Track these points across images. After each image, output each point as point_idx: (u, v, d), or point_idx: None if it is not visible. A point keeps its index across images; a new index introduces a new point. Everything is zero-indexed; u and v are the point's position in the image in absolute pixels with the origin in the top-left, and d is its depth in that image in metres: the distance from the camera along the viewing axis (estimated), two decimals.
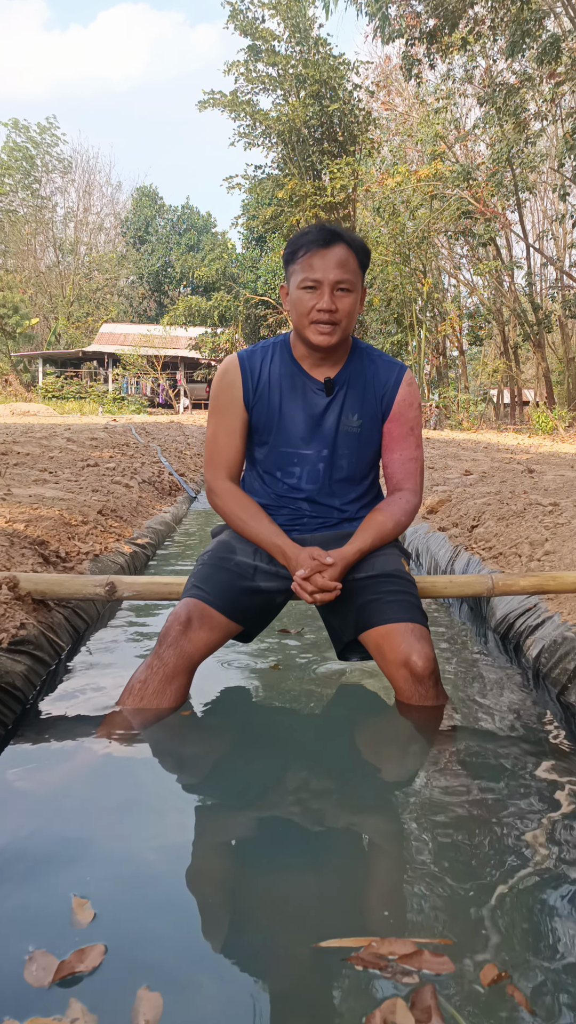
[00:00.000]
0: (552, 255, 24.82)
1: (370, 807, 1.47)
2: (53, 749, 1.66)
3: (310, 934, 1.08)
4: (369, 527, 1.87)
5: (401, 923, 1.10)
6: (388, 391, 1.94)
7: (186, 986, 0.96)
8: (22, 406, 20.83)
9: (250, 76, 22.06)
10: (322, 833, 1.35)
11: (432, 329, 22.76)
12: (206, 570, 1.89)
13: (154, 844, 1.30)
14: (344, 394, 1.92)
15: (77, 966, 0.97)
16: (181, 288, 41.54)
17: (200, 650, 1.82)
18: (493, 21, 15.12)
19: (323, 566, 1.79)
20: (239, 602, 1.86)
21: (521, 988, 0.96)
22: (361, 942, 1.03)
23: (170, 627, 1.80)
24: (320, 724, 1.92)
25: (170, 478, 6.59)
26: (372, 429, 1.95)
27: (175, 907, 1.13)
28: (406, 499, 1.93)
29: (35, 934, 1.05)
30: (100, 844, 1.29)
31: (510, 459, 7.77)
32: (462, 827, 1.36)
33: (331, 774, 1.59)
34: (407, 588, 1.88)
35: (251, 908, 1.14)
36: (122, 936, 1.05)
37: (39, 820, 1.36)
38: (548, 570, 2.70)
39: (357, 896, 1.19)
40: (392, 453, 1.96)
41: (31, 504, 3.50)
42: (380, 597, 1.84)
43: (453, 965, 0.99)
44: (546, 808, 1.44)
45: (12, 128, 39.18)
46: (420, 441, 1.97)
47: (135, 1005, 0.91)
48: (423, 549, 4.18)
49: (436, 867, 1.25)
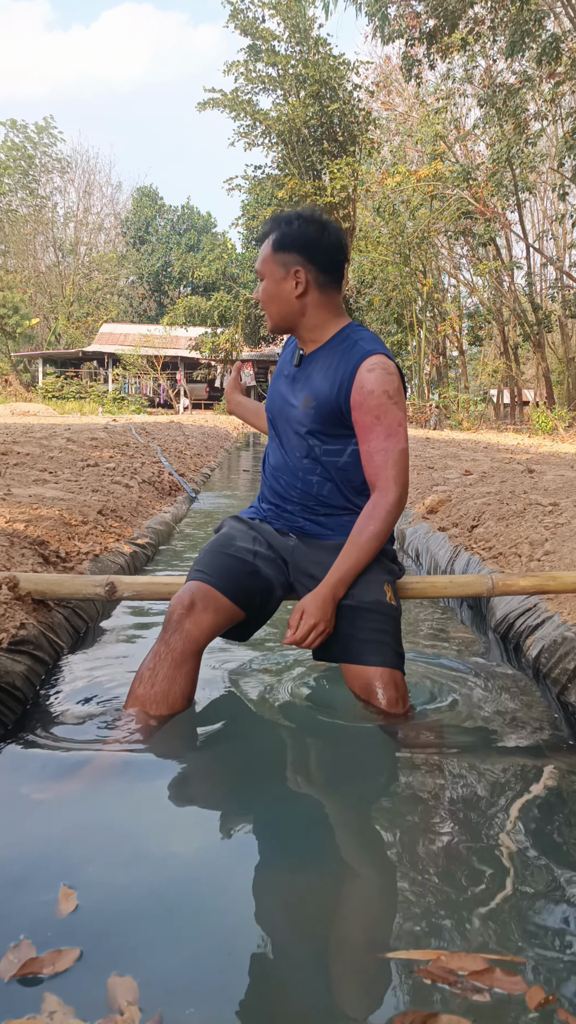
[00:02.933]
0: (552, 255, 24.83)
1: (357, 814, 1.47)
2: (53, 749, 1.66)
3: (310, 935, 1.08)
4: (344, 551, 1.83)
5: (409, 933, 1.10)
6: (346, 379, 1.84)
7: (170, 987, 0.96)
8: (22, 406, 20.83)
9: (250, 76, 22.07)
10: (324, 836, 1.35)
11: (432, 329, 22.78)
12: (208, 556, 1.90)
13: (153, 844, 1.30)
14: (308, 374, 1.92)
15: (44, 967, 0.96)
16: (181, 288, 41.57)
17: (205, 633, 1.80)
18: (493, 21, 15.13)
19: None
20: (241, 584, 1.85)
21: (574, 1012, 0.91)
22: (429, 955, 0.99)
23: (174, 610, 1.79)
24: (324, 725, 1.92)
25: (170, 478, 6.59)
26: (328, 416, 1.86)
27: (163, 908, 1.13)
28: (374, 503, 1.83)
29: (19, 926, 1.06)
30: (99, 844, 1.29)
31: (510, 459, 7.77)
32: (465, 831, 1.36)
33: (333, 781, 1.59)
34: (383, 625, 1.83)
35: (251, 910, 1.14)
36: (99, 931, 1.05)
37: (38, 820, 1.36)
38: (548, 570, 2.70)
39: (358, 899, 1.19)
40: (363, 445, 1.86)
41: (31, 504, 3.50)
42: (354, 634, 1.81)
43: (526, 985, 0.93)
44: (549, 811, 1.44)
45: (10, 128, 39.23)
46: (393, 431, 1.83)
47: (109, 992, 0.91)
48: (423, 549, 4.18)
49: (438, 873, 1.25)
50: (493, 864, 1.25)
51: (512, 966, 0.98)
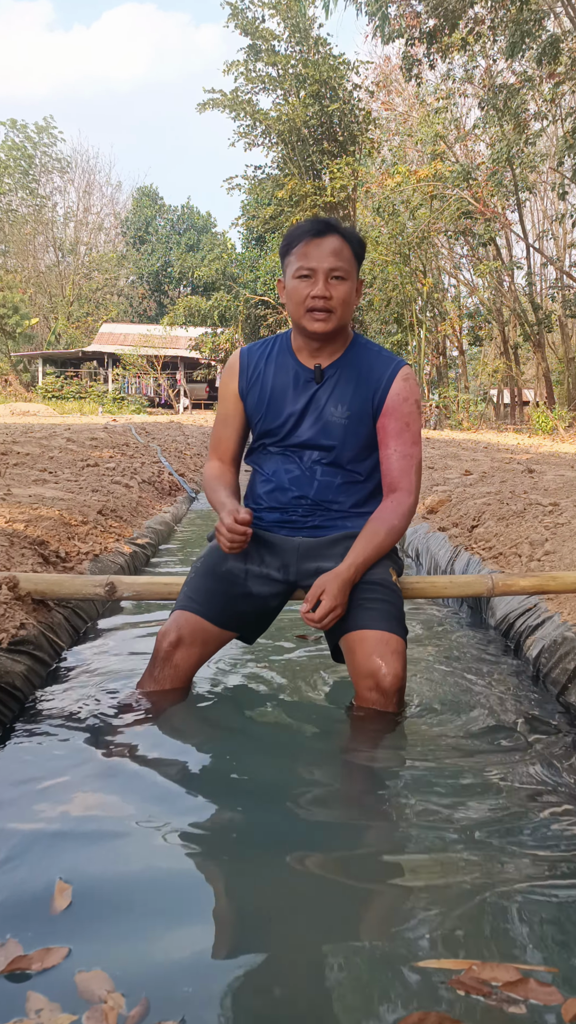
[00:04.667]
0: (552, 255, 24.81)
1: (362, 813, 1.47)
2: (52, 749, 1.66)
3: (311, 938, 1.08)
4: (363, 538, 1.83)
5: (434, 940, 1.07)
6: (382, 386, 1.89)
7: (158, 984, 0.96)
8: (22, 406, 20.82)
9: (250, 76, 22.06)
10: (327, 835, 1.35)
11: (432, 329, 22.76)
12: (197, 579, 1.89)
13: (151, 845, 1.30)
14: (334, 385, 1.90)
15: (33, 964, 0.96)
16: (181, 288, 41.53)
17: (195, 665, 1.84)
18: (493, 21, 15.12)
19: (239, 526, 1.75)
20: (231, 609, 1.85)
21: None
22: (461, 964, 0.96)
23: (160, 646, 1.81)
24: (326, 727, 1.92)
25: (170, 478, 6.59)
26: (361, 424, 1.90)
27: (153, 910, 1.13)
28: (398, 501, 1.87)
29: (13, 921, 1.06)
30: (97, 844, 1.29)
31: (510, 459, 7.77)
32: (477, 833, 1.36)
33: (334, 781, 1.59)
34: (388, 597, 1.83)
35: (249, 912, 1.14)
36: (92, 928, 1.05)
37: (38, 818, 1.36)
38: (548, 570, 2.70)
39: (360, 899, 1.19)
40: (387, 448, 1.91)
41: (31, 504, 3.50)
42: (359, 603, 1.80)
43: (561, 996, 0.90)
44: (552, 812, 1.44)
45: (10, 127, 39.24)
46: (417, 439, 1.91)
47: (80, 988, 0.92)
48: (423, 549, 4.17)
49: (453, 878, 1.24)
50: (510, 868, 1.25)
51: (545, 976, 0.95)
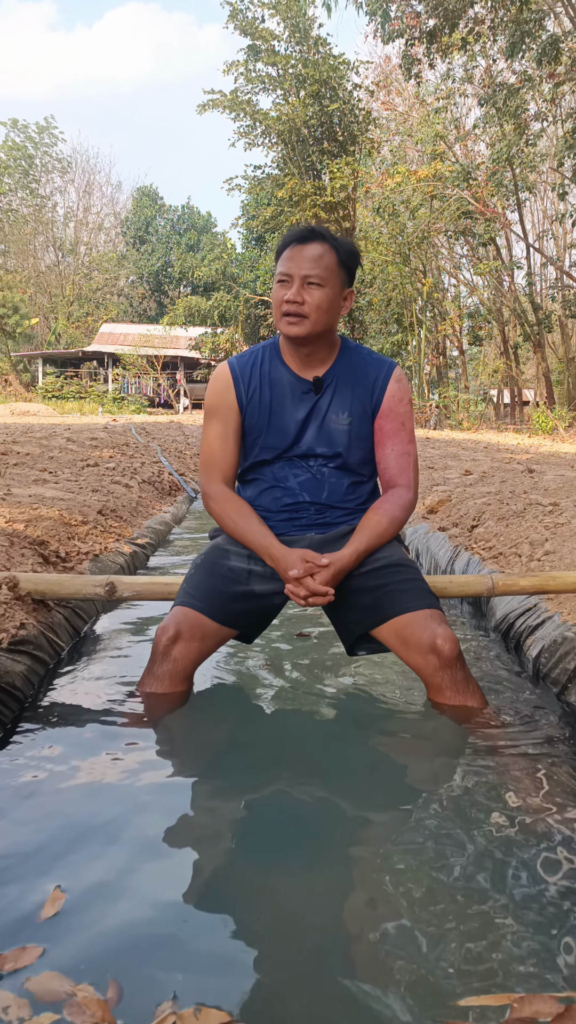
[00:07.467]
0: (552, 255, 24.81)
1: (373, 814, 1.46)
2: (52, 748, 1.65)
3: (311, 940, 1.08)
4: (365, 528, 1.86)
5: (462, 972, 0.98)
6: (378, 388, 1.94)
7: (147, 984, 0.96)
8: (22, 406, 20.81)
9: (250, 76, 22.04)
10: (332, 839, 1.35)
11: (432, 329, 22.77)
12: (198, 575, 1.88)
13: (150, 845, 1.30)
14: (332, 392, 1.93)
15: (6, 964, 0.97)
16: (181, 288, 41.51)
17: (193, 661, 1.83)
18: (493, 21, 15.11)
19: (316, 568, 1.75)
20: (231, 607, 1.85)
21: None
22: (500, 999, 0.89)
23: (159, 641, 1.81)
24: (329, 727, 1.92)
25: (170, 478, 6.59)
26: (362, 426, 1.95)
27: (147, 909, 1.13)
28: (400, 495, 1.91)
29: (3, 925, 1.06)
30: (96, 843, 1.29)
31: (510, 459, 7.76)
32: (470, 834, 1.36)
33: (343, 783, 1.59)
34: (416, 576, 1.87)
35: (249, 914, 1.13)
36: (84, 933, 1.04)
37: (37, 818, 1.36)
38: (548, 570, 2.70)
39: (361, 904, 1.19)
40: (384, 448, 1.95)
41: (31, 504, 3.50)
42: (393, 588, 1.82)
43: None
44: (555, 819, 1.44)
45: (11, 127, 39.24)
46: (412, 436, 1.98)
47: (38, 995, 0.91)
48: (423, 549, 4.17)
49: (441, 879, 1.24)
50: (511, 873, 1.24)
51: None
